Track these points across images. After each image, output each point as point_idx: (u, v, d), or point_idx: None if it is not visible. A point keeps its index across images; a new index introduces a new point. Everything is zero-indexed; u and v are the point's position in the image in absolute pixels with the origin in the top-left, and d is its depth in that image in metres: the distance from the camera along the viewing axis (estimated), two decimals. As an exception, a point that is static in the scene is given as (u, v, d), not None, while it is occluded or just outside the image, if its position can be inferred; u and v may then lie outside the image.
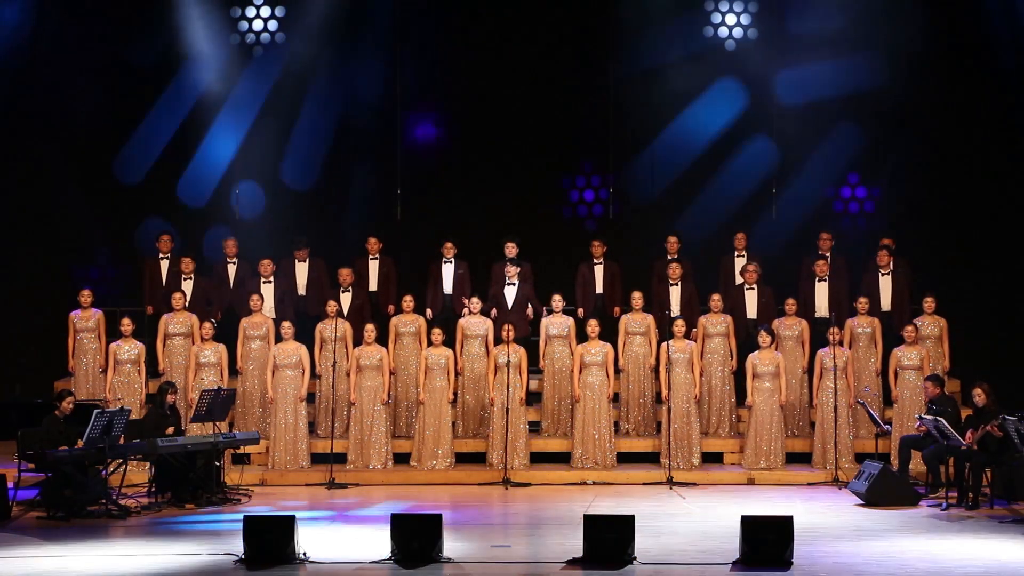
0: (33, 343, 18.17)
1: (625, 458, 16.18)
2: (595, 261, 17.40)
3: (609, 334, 16.61)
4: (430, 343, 16.24)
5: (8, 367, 18.12)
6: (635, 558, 11.52)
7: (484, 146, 19.06)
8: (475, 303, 16.53)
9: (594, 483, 15.67)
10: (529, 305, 16.87)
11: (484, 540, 12.64)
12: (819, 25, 18.66)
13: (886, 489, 14.38)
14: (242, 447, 15.31)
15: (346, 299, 16.89)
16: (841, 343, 16.04)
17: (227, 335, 16.52)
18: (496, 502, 14.85)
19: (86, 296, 16.53)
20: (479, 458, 16.16)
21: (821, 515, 13.90)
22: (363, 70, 19.03)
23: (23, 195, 18.87)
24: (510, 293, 16.93)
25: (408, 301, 16.58)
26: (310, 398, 16.37)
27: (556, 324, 16.49)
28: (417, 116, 19.21)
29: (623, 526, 11.58)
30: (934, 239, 18.39)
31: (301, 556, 11.63)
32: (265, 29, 19.17)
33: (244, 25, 19.14)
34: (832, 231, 17.57)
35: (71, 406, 14.44)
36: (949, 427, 14.25)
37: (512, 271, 16.88)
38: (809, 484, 15.45)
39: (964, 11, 18.53)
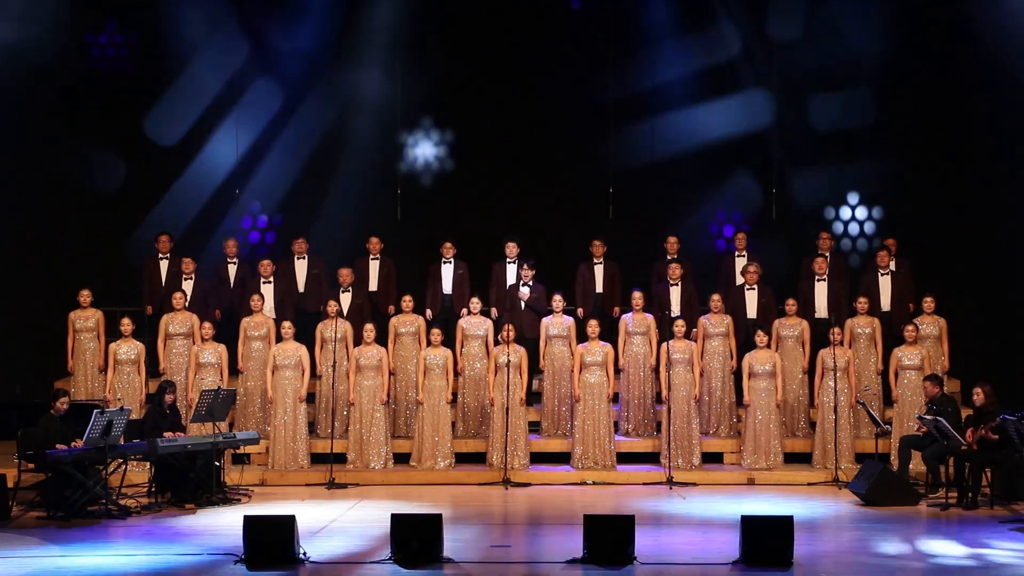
0: (33, 343, 18.16)
1: (625, 458, 16.17)
2: (595, 261, 17.39)
3: (609, 334, 16.60)
4: (429, 343, 16.23)
5: (8, 367, 18.12)
6: (635, 558, 11.52)
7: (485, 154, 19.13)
8: (475, 303, 16.53)
9: (594, 483, 15.67)
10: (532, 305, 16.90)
11: (484, 540, 12.65)
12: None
13: (886, 489, 14.39)
14: (242, 447, 15.32)
15: (346, 299, 16.89)
16: (842, 343, 16.03)
17: (227, 335, 16.53)
18: (496, 502, 14.84)
19: (86, 296, 16.52)
20: (479, 458, 16.15)
21: (821, 515, 13.91)
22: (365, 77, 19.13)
23: (23, 194, 18.88)
24: (525, 293, 16.92)
25: (407, 301, 16.57)
26: (310, 398, 16.36)
27: (556, 324, 16.47)
28: None
29: (623, 526, 11.59)
30: (934, 239, 18.39)
31: (301, 556, 11.64)
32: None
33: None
34: (831, 230, 17.58)
35: (65, 406, 14.43)
36: (949, 427, 14.25)
37: (528, 273, 16.87)
38: (809, 484, 15.44)
39: (961, 11, 18.57)
